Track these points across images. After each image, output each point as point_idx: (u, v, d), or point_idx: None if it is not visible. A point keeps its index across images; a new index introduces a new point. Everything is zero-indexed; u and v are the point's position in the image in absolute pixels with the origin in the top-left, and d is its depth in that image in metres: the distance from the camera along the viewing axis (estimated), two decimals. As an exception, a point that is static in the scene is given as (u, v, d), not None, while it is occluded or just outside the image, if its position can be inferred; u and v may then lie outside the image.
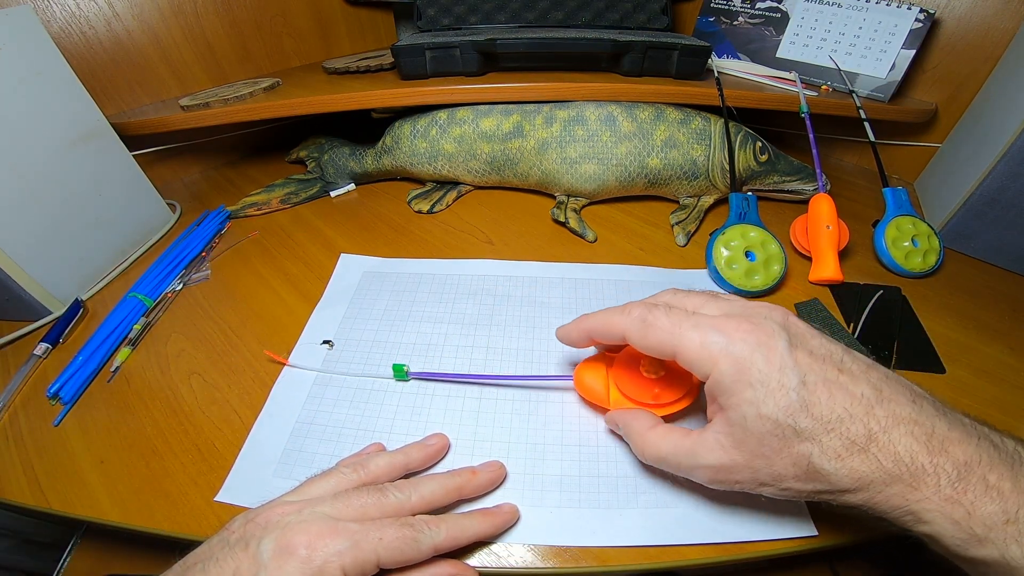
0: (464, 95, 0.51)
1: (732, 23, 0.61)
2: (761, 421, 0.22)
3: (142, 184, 0.50)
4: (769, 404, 0.21)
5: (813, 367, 0.22)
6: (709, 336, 0.23)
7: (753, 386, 0.22)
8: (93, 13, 0.50)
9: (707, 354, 0.23)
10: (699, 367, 0.23)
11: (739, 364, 0.22)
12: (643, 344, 0.25)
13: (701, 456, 0.24)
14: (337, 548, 0.22)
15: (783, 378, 0.21)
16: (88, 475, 0.30)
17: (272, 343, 0.38)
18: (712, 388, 0.23)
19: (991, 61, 0.49)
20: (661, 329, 0.24)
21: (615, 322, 0.26)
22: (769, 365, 0.22)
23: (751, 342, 0.22)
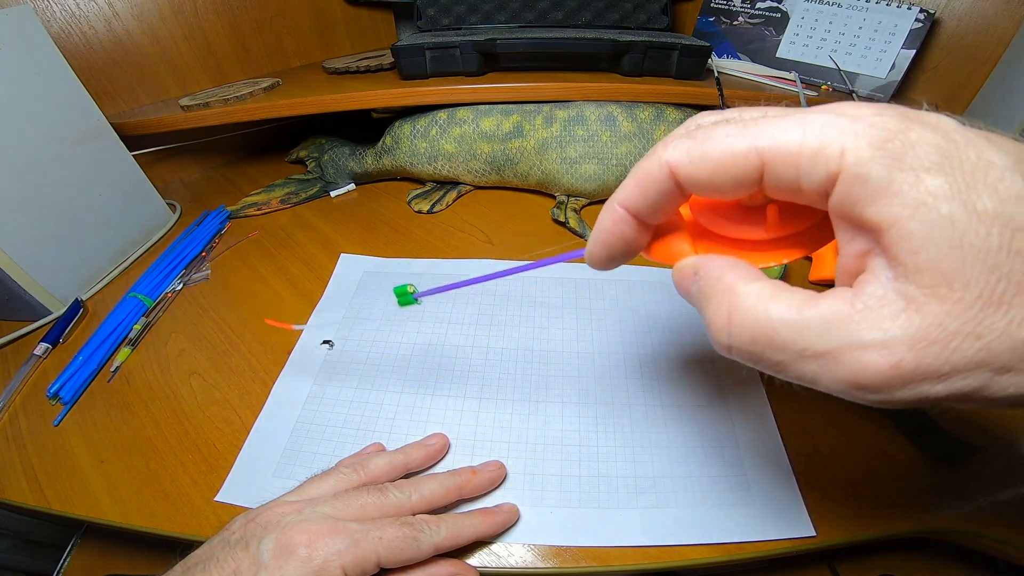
0: (464, 95, 0.51)
1: (732, 23, 0.61)
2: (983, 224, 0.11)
3: (142, 184, 0.50)
4: (983, 193, 0.11)
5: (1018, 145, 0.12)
6: (817, 119, 0.13)
7: (938, 169, 0.12)
8: (93, 13, 0.50)
9: (820, 142, 0.13)
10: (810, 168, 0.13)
11: (890, 141, 0.12)
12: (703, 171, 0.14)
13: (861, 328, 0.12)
14: (337, 547, 0.22)
15: (984, 153, 0.12)
16: (88, 475, 0.30)
17: (272, 343, 0.38)
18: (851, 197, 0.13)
19: (991, 61, 0.49)
20: (728, 134, 0.14)
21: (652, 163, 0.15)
22: (947, 140, 0.12)
23: (893, 116, 0.13)
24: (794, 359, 0.13)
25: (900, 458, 0.29)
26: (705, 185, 0.15)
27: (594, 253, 0.18)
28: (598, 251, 0.18)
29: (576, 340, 0.37)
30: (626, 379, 0.34)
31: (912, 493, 0.28)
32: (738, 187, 0.14)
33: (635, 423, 0.31)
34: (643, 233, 0.17)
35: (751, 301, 0.14)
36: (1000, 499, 0.27)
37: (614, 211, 0.17)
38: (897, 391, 0.12)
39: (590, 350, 0.36)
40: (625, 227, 0.17)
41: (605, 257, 0.18)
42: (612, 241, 0.17)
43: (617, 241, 0.17)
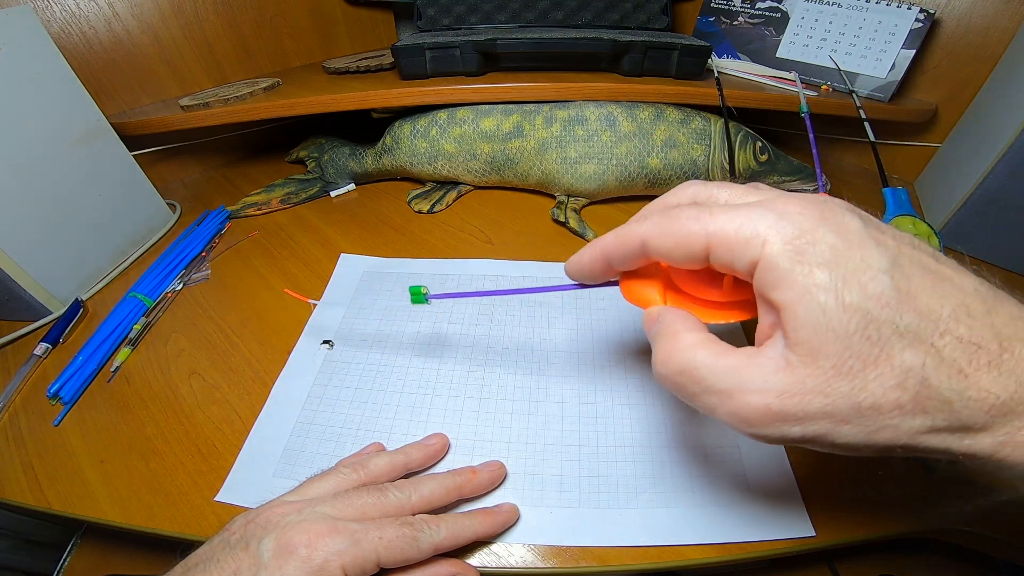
0: (464, 95, 0.51)
1: (732, 23, 0.61)
2: (845, 314, 0.15)
3: (142, 184, 0.50)
4: (853, 289, 0.15)
5: (903, 249, 0.16)
6: (752, 214, 0.16)
7: (827, 265, 0.15)
8: (93, 13, 0.50)
9: (750, 233, 0.16)
10: (741, 254, 0.16)
11: (799, 238, 0.15)
12: (665, 245, 0.18)
13: (750, 377, 0.16)
14: (337, 547, 0.22)
15: (867, 256, 0.15)
16: (88, 475, 0.30)
17: (272, 343, 0.38)
18: (763, 280, 0.16)
19: (991, 61, 0.49)
20: (687, 219, 0.18)
21: (630, 232, 0.20)
22: (844, 241, 0.15)
23: (812, 215, 0.16)
24: (703, 392, 0.18)
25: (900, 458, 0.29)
26: (665, 256, 0.19)
27: (570, 273, 0.24)
28: (574, 274, 0.24)
29: (576, 340, 0.37)
30: (626, 379, 0.34)
31: (912, 493, 0.28)
32: (690, 261, 0.18)
33: (635, 423, 0.31)
34: (608, 273, 0.23)
35: (686, 344, 0.18)
36: (1000, 499, 0.27)
37: (594, 253, 0.22)
38: (766, 428, 0.16)
39: (590, 350, 0.36)
40: (599, 266, 0.22)
41: (578, 279, 0.24)
42: (586, 272, 0.23)
43: (589, 273, 0.23)
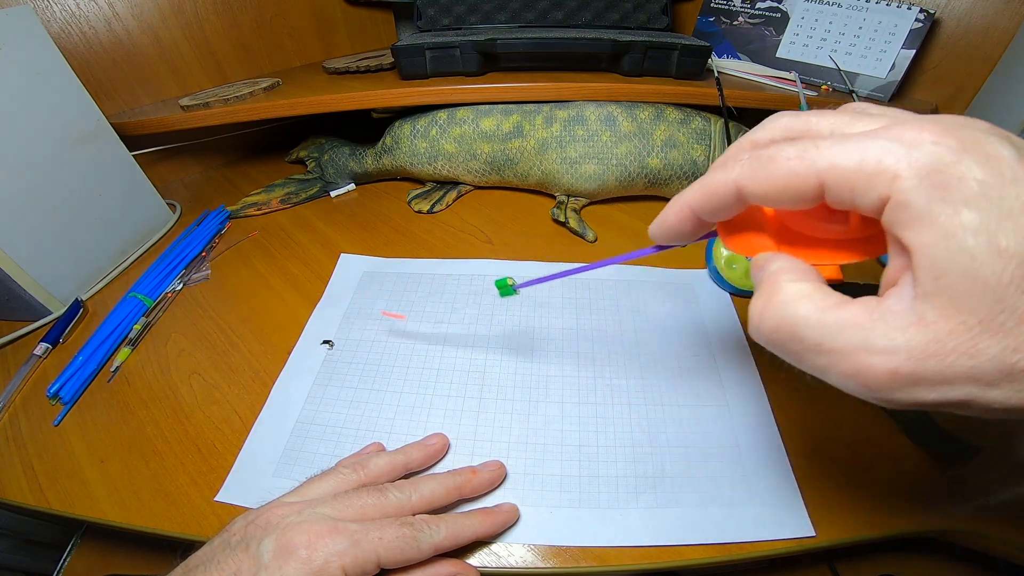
0: (464, 95, 0.51)
1: (732, 23, 0.61)
2: (1000, 261, 0.12)
3: (142, 184, 0.50)
4: (1010, 232, 0.12)
5: None
6: (874, 145, 0.14)
7: (975, 204, 0.13)
8: (93, 13, 0.50)
9: (875, 167, 0.14)
10: (865, 191, 0.14)
11: (938, 173, 0.13)
12: (767, 189, 0.16)
13: (872, 334, 0.14)
14: (337, 548, 0.22)
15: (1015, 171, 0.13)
16: (88, 475, 0.30)
17: (272, 343, 0.38)
18: (896, 219, 0.14)
19: (991, 61, 0.49)
20: (788, 157, 0.15)
21: (719, 179, 0.17)
22: (995, 175, 0.13)
23: (951, 145, 0.13)
24: (808, 351, 0.15)
25: (900, 458, 0.29)
26: (770, 201, 0.16)
27: (655, 235, 0.21)
28: (660, 235, 0.20)
29: (576, 340, 0.37)
30: (626, 379, 0.34)
31: (912, 493, 0.28)
32: (799, 203, 0.16)
33: (635, 423, 0.31)
34: (700, 228, 0.19)
35: (786, 296, 0.16)
36: (1000, 499, 0.27)
37: (680, 208, 0.19)
38: (894, 392, 0.14)
39: (590, 350, 0.36)
40: (686, 223, 0.19)
41: (664, 240, 0.21)
42: (674, 231, 0.20)
43: (677, 232, 0.20)
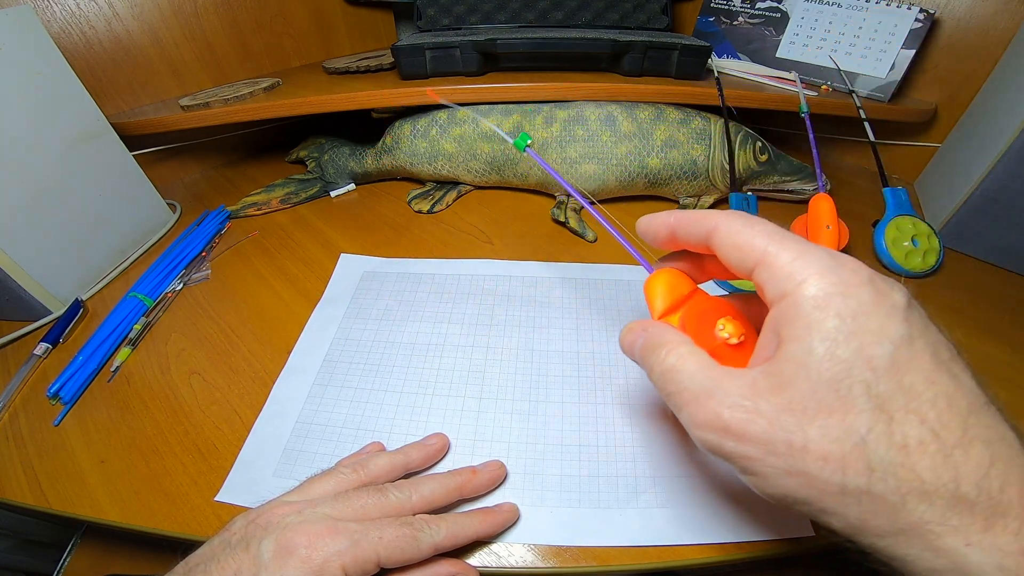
0: (464, 95, 0.51)
1: (732, 23, 0.61)
2: (830, 363, 0.16)
3: (142, 184, 0.50)
4: (852, 346, 0.16)
5: (927, 334, 0.16)
6: (814, 253, 0.17)
7: (842, 318, 0.16)
8: (93, 13, 0.50)
9: (799, 267, 0.17)
10: (779, 282, 0.17)
11: (835, 289, 0.16)
12: (729, 242, 0.19)
13: (720, 390, 0.18)
14: (337, 547, 0.22)
15: (887, 325, 0.16)
16: (88, 475, 0.30)
17: (272, 343, 0.38)
18: (780, 315, 0.17)
19: (991, 61, 0.49)
20: (760, 233, 0.19)
21: (707, 215, 0.21)
22: (875, 305, 0.16)
23: (863, 276, 0.17)
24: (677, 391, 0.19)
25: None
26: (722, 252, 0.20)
27: (638, 225, 0.24)
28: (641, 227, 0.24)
29: (576, 340, 0.37)
30: (626, 379, 0.34)
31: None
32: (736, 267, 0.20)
33: (635, 423, 0.31)
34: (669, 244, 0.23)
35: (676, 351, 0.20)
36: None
37: (667, 219, 0.22)
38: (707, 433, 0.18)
39: (590, 350, 0.36)
40: (663, 231, 0.22)
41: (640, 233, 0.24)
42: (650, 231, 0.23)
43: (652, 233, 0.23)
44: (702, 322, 0.22)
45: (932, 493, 0.15)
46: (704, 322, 0.22)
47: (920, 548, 0.16)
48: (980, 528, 0.15)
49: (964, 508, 0.15)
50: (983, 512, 0.15)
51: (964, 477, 0.15)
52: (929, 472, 0.15)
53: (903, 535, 0.16)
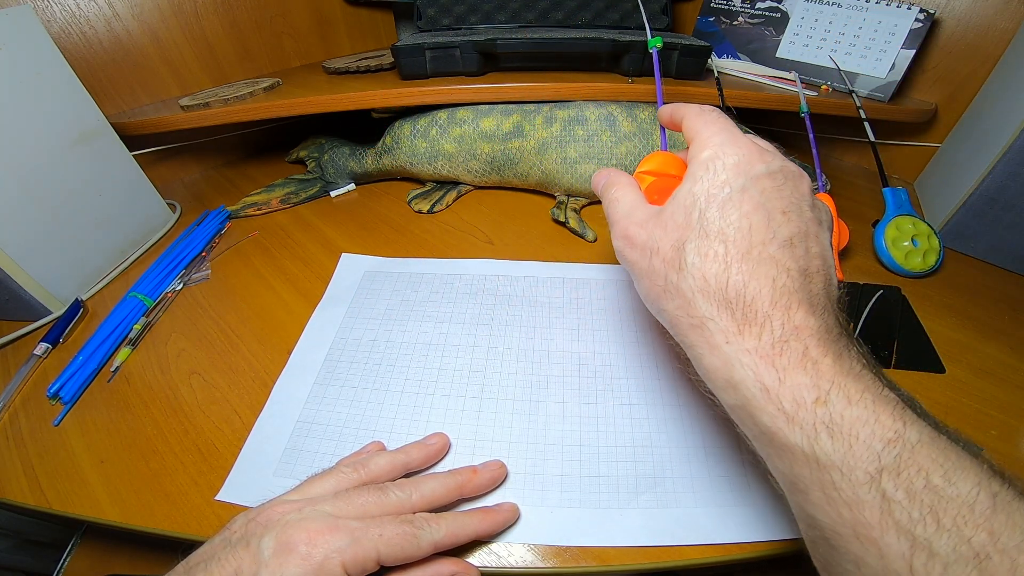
0: (464, 95, 0.51)
1: (732, 23, 0.61)
2: (689, 198, 0.23)
3: (142, 184, 0.50)
4: (703, 184, 0.22)
5: (768, 192, 0.22)
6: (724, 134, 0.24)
7: (710, 173, 0.23)
8: (93, 13, 0.50)
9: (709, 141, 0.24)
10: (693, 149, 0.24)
11: (717, 155, 0.23)
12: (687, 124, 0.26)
13: (635, 214, 0.25)
14: (337, 545, 0.22)
15: (733, 179, 0.22)
16: (88, 475, 0.30)
17: (272, 343, 0.38)
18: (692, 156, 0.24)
19: (991, 61, 0.49)
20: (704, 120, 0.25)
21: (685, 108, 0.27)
22: (735, 167, 0.22)
23: (746, 153, 0.23)
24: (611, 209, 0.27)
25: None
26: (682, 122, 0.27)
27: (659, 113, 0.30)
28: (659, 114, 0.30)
29: (576, 340, 0.37)
30: (626, 379, 0.34)
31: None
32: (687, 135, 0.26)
33: (635, 423, 0.31)
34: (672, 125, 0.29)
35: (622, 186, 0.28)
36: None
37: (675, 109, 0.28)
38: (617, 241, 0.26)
39: (590, 350, 0.36)
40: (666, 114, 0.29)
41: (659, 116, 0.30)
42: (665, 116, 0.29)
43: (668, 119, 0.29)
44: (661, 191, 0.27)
45: (710, 293, 0.21)
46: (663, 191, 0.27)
47: (702, 343, 0.21)
48: (735, 330, 0.20)
49: (727, 310, 0.20)
50: (739, 316, 0.20)
51: (731, 284, 0.20)
52: (712, 276, 0.21)
53: (694, 330, 0.21)
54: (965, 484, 0.15)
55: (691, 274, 0.21)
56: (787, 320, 0.19)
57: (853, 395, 0.17)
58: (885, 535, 0.15)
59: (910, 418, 0.17)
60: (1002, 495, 0.15)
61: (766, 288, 0.20)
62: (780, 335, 0.19)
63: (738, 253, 0.20)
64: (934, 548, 0.15)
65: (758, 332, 0.19)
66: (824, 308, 0.20)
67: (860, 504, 0.16)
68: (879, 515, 0.16)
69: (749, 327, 0.19)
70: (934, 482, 0.15)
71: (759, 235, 0.21)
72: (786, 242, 0.21)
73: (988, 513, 0.15)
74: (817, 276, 0.21)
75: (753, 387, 0.19)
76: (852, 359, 0.19)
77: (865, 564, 0.16)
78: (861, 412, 0.17)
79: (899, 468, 0.16)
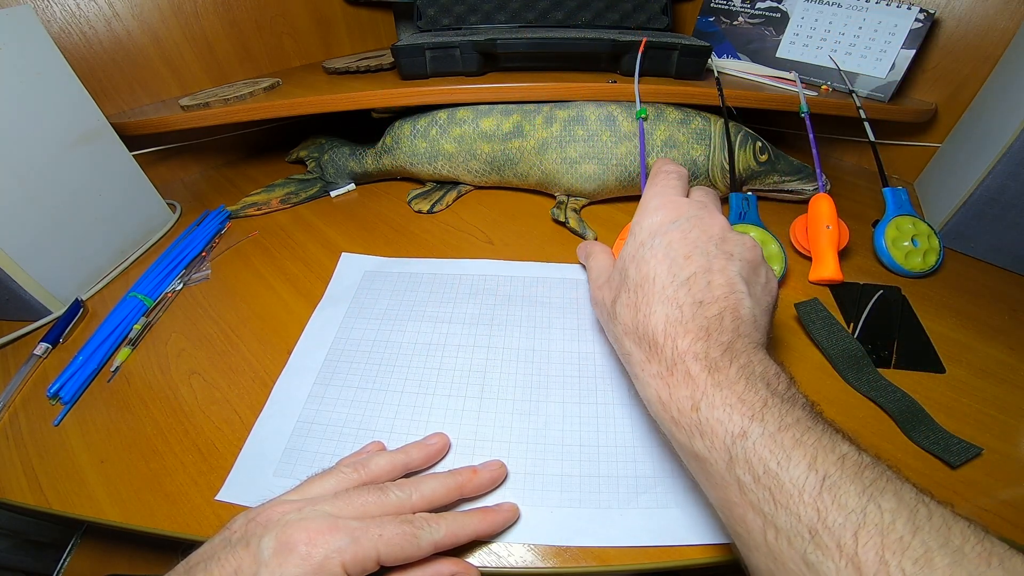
0: (464, 95, 0.51)
1: (732, 23, 0.61)
2: (620, 259, 0.29)
3: (142, 184, 0.50)
4: (629, 247, 0.28)
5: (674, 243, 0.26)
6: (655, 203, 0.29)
7: (635, 234, 0.29)
8: (93, 13, 0.50)
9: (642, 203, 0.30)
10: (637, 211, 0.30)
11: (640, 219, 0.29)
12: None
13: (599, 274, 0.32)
14: (337, 545, 0.22)
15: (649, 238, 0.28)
16: (88, 475, 0.30)
17: (272, 343, 0.38)
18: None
19: (991, 61, 0.49)
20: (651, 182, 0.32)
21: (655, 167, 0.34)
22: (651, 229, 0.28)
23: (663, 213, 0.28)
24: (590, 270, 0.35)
25: (900, 458, 0.29)
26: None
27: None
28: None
29: (576, 340, 0.37)
30: (626, 379, 0.34)
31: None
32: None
33: (635, 423, 0.31)
34: None
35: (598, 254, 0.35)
36: (1000, 499, 0.27)
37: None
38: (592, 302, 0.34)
39: (590, 350, 0.36)
40: None
41: None
42: None
43: None
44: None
45: (628, 333, 0.26)
46: None
47: (632, 372, 0.26)
48: (646, 359, 0.25)
49: (639, 345, 0.25)
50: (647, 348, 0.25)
51: (639, 325, 0.25)
52: (629, 320, 0.26)
53: (627, 362, 0.27)
54: (797, 469, 0.18)
55: (619, 321, 0.27)
56: (674, 347, 0.23)
57: (717, 402, 0.21)
58: (747, 513, 0.19)
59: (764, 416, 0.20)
60: (832, 477, 0.18)
61: (660, 324, 0.24)
62: (670, 359, 0.23)
63: (645, 299, 0.26)
64: (778, 524, 0.18)
65: (658, 359, 0.24)
66: (717, 329, 0.23)
67: (726, 486, 0.20)
68: (739, 495, 0.19)
69: (655, 355, 0.24)
70: (771, 468, 0.19)
71: (661, 280, 0.25)
72: (684, 282, 0.25)
73: (815, 493, 0.18)
74: (713, 304, 0.24)
75: (656, 402, 0.24)
76: (731, 371, 0.22)
77: (739, 536, 0.20)
78: (720, 415, 0.21)
79: (746, 458, 0.19)
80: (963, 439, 0.30)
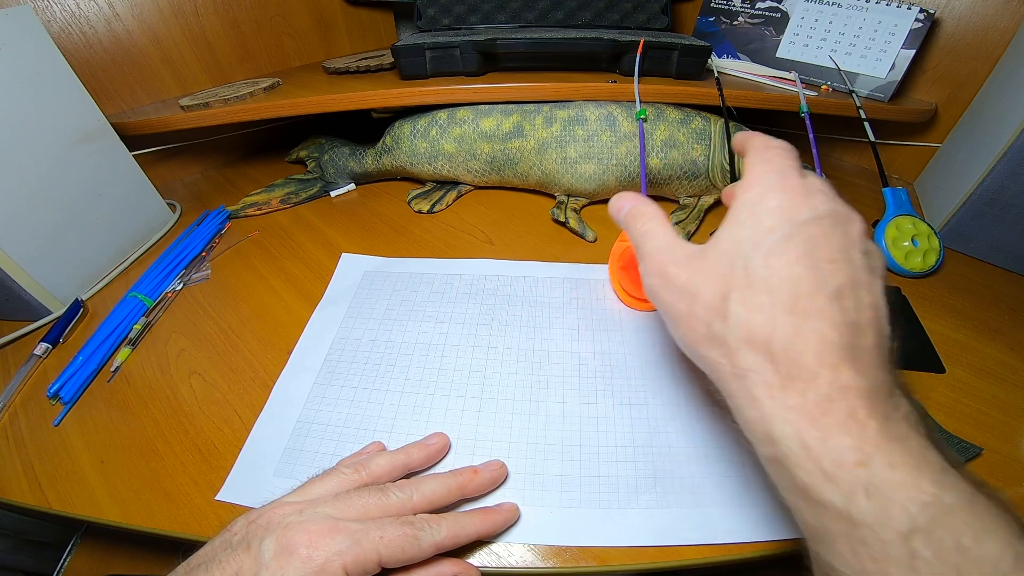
0: (464, 95, 0.51)
1: (732, 23, 0.61)
2: (730, 240, 0.21)
3: (142, 184, 0.50)
4: (747, 230, 0.21)
5: (815, 240, 0.20)
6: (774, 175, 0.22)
7: (756, 215, 0.21)
8: (93, 13, 0.50)
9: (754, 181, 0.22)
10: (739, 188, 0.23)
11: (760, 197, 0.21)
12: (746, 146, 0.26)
13: (672, 251, 0.24)
14: (338, 547, 0.22)
15: (779, 225, 0.20)
16: (88, 475, 0.30)
17: (272, 343, 0.38)
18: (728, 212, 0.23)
19: (991, 61, 0.49)
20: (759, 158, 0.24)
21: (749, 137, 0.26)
22: (779, 211, 0.21)
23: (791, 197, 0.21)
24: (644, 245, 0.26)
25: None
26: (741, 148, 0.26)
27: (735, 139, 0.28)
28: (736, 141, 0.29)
29: (576, 340, 0.37)
30: (626, 379, 0.34)
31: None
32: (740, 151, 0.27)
33: (635, 423, 0.31)
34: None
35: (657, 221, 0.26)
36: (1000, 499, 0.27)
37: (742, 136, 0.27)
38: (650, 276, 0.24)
39: (590, 350, 0.36)
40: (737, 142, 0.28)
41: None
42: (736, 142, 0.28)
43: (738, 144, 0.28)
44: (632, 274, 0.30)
45: (756, 345, 0.19)
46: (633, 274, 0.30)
47: (744, 394, 0.20)
48: (779, 384, 0.19)
49: (771, 363, 0.19)
50: (783, 371, 0.19)
51: (776, 338, 0.19)
52: (758, 327, 0.19)
53: (737, 379, 0.20)
54: (993, 544, 0.15)
55: (736, 324, 0.20)
56: (834, 379, 0.18)
57: (896, 460, 0.17)
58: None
59: (949, 482, 0.17)
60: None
61: (813, 344, 0.19)
62: (826, 394, 0.18)
63: (784, 305, 0.19)
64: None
65: (803, 389, 0.18)
66: (874, 364, 0.19)
67: (887, 559, 0.16)
68: (904, 571, 0.16)
69: (793, 383, 0.19)
70: (963, 543, 0.16)
71: (806, 286, 0.19)
72: (835, 294, 0.19)
73: (1008, 570, 0.15)
74: (869, 330, 0.20)
75: (793, 444, 0.18)
76: (899, 421, 0.18)
77: None
78: (902, 477, 0.17)
79: (931, 529, 0.16)
80: (963, 439, 0.30)
